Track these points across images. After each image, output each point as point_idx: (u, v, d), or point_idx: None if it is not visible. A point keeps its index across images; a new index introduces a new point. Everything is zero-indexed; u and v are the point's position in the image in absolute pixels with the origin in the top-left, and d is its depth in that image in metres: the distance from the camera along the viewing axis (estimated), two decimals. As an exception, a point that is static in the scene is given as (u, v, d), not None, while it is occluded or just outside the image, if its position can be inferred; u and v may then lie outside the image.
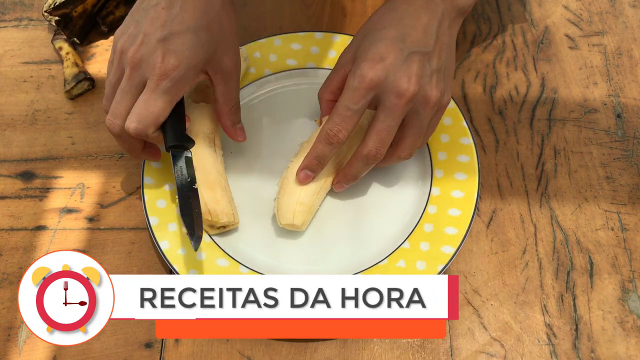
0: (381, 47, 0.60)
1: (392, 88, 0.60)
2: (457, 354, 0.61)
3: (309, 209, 0.65)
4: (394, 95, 0.60)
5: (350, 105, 0.61)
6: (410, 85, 0.59)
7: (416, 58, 0.60)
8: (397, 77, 0.59)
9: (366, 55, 0.61)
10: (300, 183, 0.65)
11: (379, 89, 0.60)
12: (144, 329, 0.63)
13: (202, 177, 0.65)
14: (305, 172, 0.65)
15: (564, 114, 0.75)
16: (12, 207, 0.70)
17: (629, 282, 0.64)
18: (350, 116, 0.61)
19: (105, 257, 0.67)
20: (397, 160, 0.65)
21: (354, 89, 0.60)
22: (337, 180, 0.67)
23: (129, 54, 0.60)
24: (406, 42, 0.61)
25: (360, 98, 0.60)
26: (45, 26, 0.83)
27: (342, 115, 0.61)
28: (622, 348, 0.61)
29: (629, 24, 0.81)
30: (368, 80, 0.60)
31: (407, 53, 0.60)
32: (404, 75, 0.59)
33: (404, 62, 0.60)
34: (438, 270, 0.62)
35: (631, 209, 0.68)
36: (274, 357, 0.61)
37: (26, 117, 0.76)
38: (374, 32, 0.62)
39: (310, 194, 0.65)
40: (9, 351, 0.62)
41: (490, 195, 0.69)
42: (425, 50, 0.61)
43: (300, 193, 0.65)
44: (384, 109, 0.61)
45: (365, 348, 0.62)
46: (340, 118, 0.61)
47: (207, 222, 0.65)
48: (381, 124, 0.61)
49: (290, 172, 0.66)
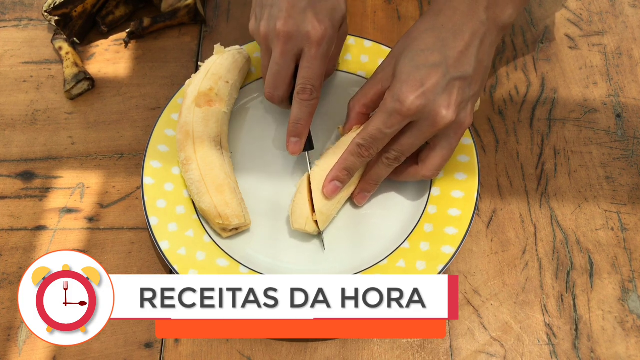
0: (423, 72, 0.59)
1: (430, 116, 0.59)
2: (457, 354, 0.61)
3: (328, 218, 0.65)
4: (429, 122, 0.59)
5: (384, 129, 0.60)
6: (449, 114, 0.59)
7: (457, 84, 0.59)
8: (437, 105, 0.59)
9: (407, 78, 0.59)
10: (329, 195, 0.64)
11: (416, 116, 0.60)
12: (144, 329, 0.63)
13: (210, 181, 0.65)
14: (334, 183, 0.64)
15: (564, 114, 0.75)
16: (12, 207, 0.70)
17: (629, 282, 0.64)
18: (382, 139, 0.61)
19: (105, 257, 0.67)
20: (420, 178, 0.65)
21: (390, 113, 0.59)
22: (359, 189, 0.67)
23: (278, 30, 0.63)
24: (448, 66, 0.59)
25: (395, 124, 0.60)
26: (45, 26, 0.83)
27: (374, 136, 0.61)
28: (622, 348, 0.61)
29: (629, 24, 0.81)
30: (407, 106, 0.59)
31: (449, 79, 0.59)
32: (444, 103, 0.59)
33: (445, 89, 0.59)
34: (438, 270, 0.62)
35: (631, 209, 0.68)
36: (273, 357, 0.61)
37: (26, 117, 0.76)
38: (415, 51, 0.60)
39: (331, 204, 0.65)
40: (8, 351, 0.62)
41: (490, 195, 0.70)
42: (466, 75, 0.60)
43: (322, 201, 0.65)
44: (415, 130, 0.61)
45: (365, 348, 0.62)
46: (372, 139, 0.61)
47: (218, 225, 0.65)
48: (406, 139, 0.61)
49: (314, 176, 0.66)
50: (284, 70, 0.65)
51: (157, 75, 0.79)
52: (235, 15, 0.84)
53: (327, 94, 0.75)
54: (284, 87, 0.66)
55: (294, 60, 0.65)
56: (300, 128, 0.66)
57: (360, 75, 0.75)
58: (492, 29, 0.61)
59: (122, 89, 0.78)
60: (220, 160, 0.67)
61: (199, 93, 0.69)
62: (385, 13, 0.83)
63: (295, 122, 0.66)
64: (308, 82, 0.65)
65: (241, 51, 0.74)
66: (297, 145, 0.67)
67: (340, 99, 0.75)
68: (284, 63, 0.65)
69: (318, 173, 0.66)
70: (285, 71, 0.65)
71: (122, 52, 0.81)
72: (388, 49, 0.76)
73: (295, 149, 0.67)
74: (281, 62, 0.65)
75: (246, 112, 0.75)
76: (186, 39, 0.82)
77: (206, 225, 0.67)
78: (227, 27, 0.83)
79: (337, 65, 0.75)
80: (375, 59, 0.76)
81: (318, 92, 0.66)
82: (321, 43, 0.63)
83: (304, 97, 0.65)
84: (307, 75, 0.65)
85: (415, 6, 0.83)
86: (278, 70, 0.65)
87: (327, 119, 0.74)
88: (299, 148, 0.67)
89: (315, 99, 0.66)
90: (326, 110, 0.74)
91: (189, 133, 0.67)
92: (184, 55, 0.80)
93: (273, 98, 0.67)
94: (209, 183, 0.65)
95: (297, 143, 0.67)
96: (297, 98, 0.65)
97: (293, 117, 0.66)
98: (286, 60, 0.65)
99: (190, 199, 0.68)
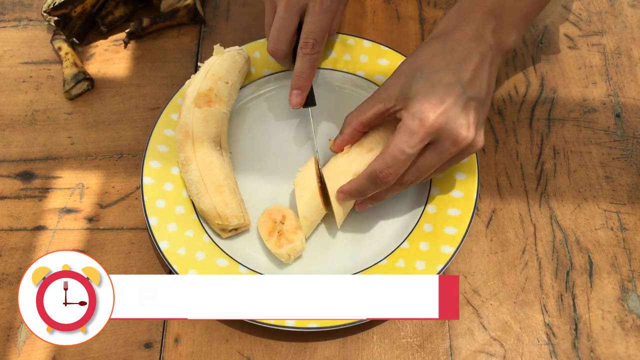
0: (440, 91, 0.58)
1: (451, 135, 0.58)
2: (457, 353, 0.61)
3: (312, 224, 0.65)
4: (450, 141, 0.58)
5: (407, 149, 0.58)
6: (469, 133, 0.58)
7: (473, 105, 0.59)
8: (458, 124, 0.58)
9: (425, 97, 0.58)
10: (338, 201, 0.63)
11: (437, 134, 0.58)
12: (143, 329, 0.63)
13: (209, 181, 0.65)
14: (345, 196, 0.63)
15: (564, 114, 0.75)
16: (11, 208, 0.70)
17: (628, 281, 0.64)
18: (404, 160, 0.59)
19: (104, 257, 0.67)
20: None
21: (412, 132, 0.58)
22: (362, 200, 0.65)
23: None
24: (463, 85, 0.59)
25: (418, 142, 0.58)
26: (45, 26, 0.83)
27: (396, 159, 0.58)
28: (621, 347, 0.61)
29: (628, 24, 0.81)
30: (429, 124, 0.57)
31: (465, 98, 0.58)
32: (464, 123, 0.58)
33: (463, 108, 0.58)
34: (437, 270, 0.62)
35: (630, 209, 0.68)
36: (273, 357, 0.61)
37: (25, 117, 0.76)
38: (428, 73, 0.60)
39: (313, 210, 0.65)
40: (8, 351, 0.62)
41: (489, 195, 0.70)
42: (480, 97, 0.60)
43: (304, 208, 0.64)
44: (436, 151, 0.59)
45: (365, 348, 0.62)
46: (393, 161, 0.59)
47: (218, 226, 0.65)
48: (426, 162, 0.60)
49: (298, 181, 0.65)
50: (287, 24, 0.67)
51: (156, 75, 0.79)
52: (234, 15, 0.84)
53: (326, 93, 0.75)
54: (287, 41, 0.68)
55: (298, 14, 0.67)
56: (302, 81, 0.68)
57: (360, 75, 0.75)
58: (498, 53, 0.62)
59: (121, 89, 0.78)
60: (219, 160, 0.67)
61: (199, 93, 0.69)
62: (385, 13, 0.83)
63: (298, 76, 0.68)
64: (310, 36, 0.67)
65: (240, 51, 0.74)
66: (299, 98, 0.69)
67: (340, 99, 0.75)
68: (288, 17, 0.67)
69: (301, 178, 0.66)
70: (289, 25, 0.67)
71: (122, 52, 0.81)
72: (387, 49, 0.76)
73: (296, 100, 0.69)
74: (285, 15, 0.67)
75: (246, 112, 0.75)
76: (185, 39, 0.82)
77: (206, 225, 0.67)
78: (227, 27, 0.83)
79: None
80: (375, 59, 0.76)
81: (321, 47, 0.68)
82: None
83: (307, 50, 0.67)
84: (310, 29, 0.67)
85: (415, 6, 0.83)
86: (282, 24, 0.67)
87: (327, 119, 0.74)
88: (301, 100, 0.69)
89: (317, 52, 0.68)
90: (326, 110, 0.74)
91: (189, 133, 0.67)
92: (183, 55, 0.80)
93: (276, 52, 0.69)
94: (209, 183, 0.65)
95: (298, 95, 0.69)
96: (300, 52, 0.68)
97: (296, 70, 0.68)
98: (290, 14, 0.67)
99: (189, 199, 0.68)
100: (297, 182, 0.66)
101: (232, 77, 0.71)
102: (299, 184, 0.65)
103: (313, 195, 0.64)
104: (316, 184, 0.64)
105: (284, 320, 0.60)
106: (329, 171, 0.65)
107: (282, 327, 0.60)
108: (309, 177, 0.65)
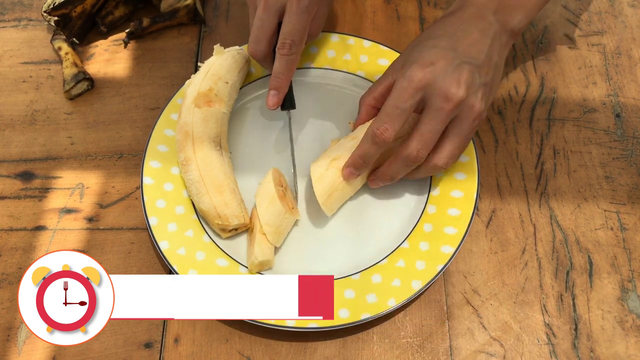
0: (432, 53, 0.61)
1: (441, 91, 0.59)
2: (457, 353, 0.61)
3: (277, 230, 0.64)
4: (441, 98, 0.59)
5: (398, 104, 0.60)
6: (460, 90, 0.59)
7: (466, 67, 0.60)
8: (447, 81, 0.59)
9: (416, 60, 0.61)
10: (346, 179, 0.65)
11: (427, 91, 0.60)
12: (143, 329, 0.63)
13: (209, 181, 0.65)
14: (350, 169, 0.64)
15: (563, 114, 0.75)
16: (11, 208, 0.70)
17: (628, 281, 0.64)
18: (398, 115, 0.61)
19: (104, 257, 0.67)
20: (433, 171, 0.64)
21: (402, 89, 0.60)
22: (374, 177, 0.66)
23: None
24: (458, 51, 0.61)
25: (408, 97, 0.60)
26: (45, 26, 0.83)
27: (389, 114, 0.61)
28: (621, 347, 0.61)
29: (628, 24, 0.81)
30: (417, 80, 0.60)
31: (458, 62, 0.60)
32: (454, 81, 0.60)
33: (455, 69, 0.60)
34: (437, 270, 0.62)
35: (630, 209, 0.68)
36: (273, 357, 0.61)
37: (25, 117, 0.76)
38: (424, 41, 0.63)
39: (275, 215, 0.64)
40: (8, 351, 0.62)
41: (489, 195, 0.70)
42: (475, 63, 0.61)
43: (265, 214, 0.64)
44: (430, 111, 0.60)
45: (365, 348, 0.62)
46: (387, 116, 0.61)
47: (218, 226, 0.65)
48: (425, 126, 0.61)
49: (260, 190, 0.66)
50: (265, 25, 0.67)
51: (156, 75, 0.79)
52: (234, 15, 0.84)
53: (326, 93, 0.75)
54: (264, 42, 0.68)
55: (277, 15, 0.67)
56: (279, 82, 0.69)
57: (360, 75, 0.75)
58: (501, 31, 0.63)
59: (121, 89, 0.78)
60: (219, 160, 0.67)
61: (199, 93, 0.69)
62: (385, 13, 0.83)
63: (275, 76, 0.69)
64: (288, 36, 0.67)
65: (240, 51, 0.74)
66: (275, 98, 0.69)
67: (340, 99, 0.75)
68: (266, 18, 0.67)
69: (260, 190, 0.66)
70: (267, 26, 0.67)
71: (122, 52, 0.81)
72: (387, 49, 0.76)
73: (272, 101, 0.69)
74: (264, 16, 0.67)
75: (246, 112, 0.75)
76: (185, 39, 0.82)
77: (206, 225, 0.67)
78: (227, 27, 0.83)
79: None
80: (375, 59, 0.76)
81: (298, 48, 0.67)
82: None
83: (284, 51, 0.67)
84: (287, 30, 0.67)
85: (415, 6, 0.83)
86: (261, 25, 0.67)
87: (327, 119, 0.74)
88: (277, 101, 0.69)
89: (294, 54, 0.68)
90: (325, 110, 0.74)
91: (189, 133, 0.67)
92: (183, 55, 0.80)
93: (255, 53, 0.69)
94: (208, 183, 0.65)
95: (275, 96, 0.69)
96: (277, 52, 0.68)
97: (274, 71, 0.68)
98: (268, 15, 0.67)
99: (189, 199, 0.68)
100: (256, 195, 0.66)
101: (232, 77, 0.71)
102: (258, 195, 0.66)
103: (272, 201, 0.64)
104: (274, 190, 0.64)
105: (284, 320, 0.60)
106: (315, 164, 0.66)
107: (282, 327, 0.60)
108: (267, 186, 0.65)
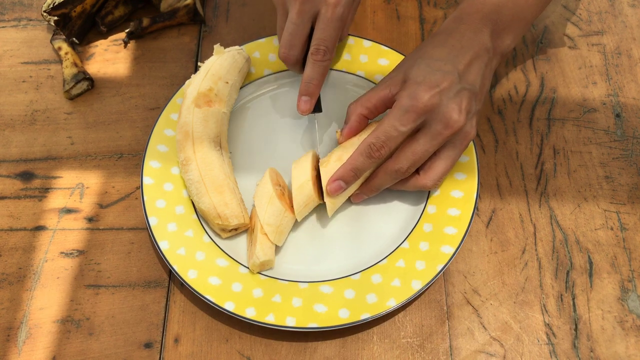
0: (437, 76, 0.61)
1: (443, 117, 0.60)
2: (457, 353, 0.61)
3: (277, 229, 0.64)
4: (442, 124, 0.60)
5: (399, 127, 0.61)
6: (460, 118, 0.60)
7: (466, 94, 0.61)
8: (450, 107, 0.60)
9: (423, 80, 0.61)
10: (331, 194, 0.64)
11: (430, 115, 0.61)
12: (143, 329, 0.63)
13: (209, 181, 0.65)
14: (339, 182, 0.63)
15: (563, 114, 0.75)
16: (11, 208, 0.70)
17: (628, 281, 0.64)
18: (396, 137, 0.61)
19: (104, 257, 0.67)
20: (420, 189, 0.65)
21: (405, 110, 0.61)
22: (359, 191, 0.66)
23: None
24: (459, 75, 0.61)
25: (410, 121, 0.61)
26: (44, 26, 0.83)
27: (388, 134, 0.61)
28: (621, 347, 0.61)
29: (628, 24, 0.81)
30: (423, 103, 0.60)
31: (459, 87, 0.61)
32: (456, 107, 0.60)
33: (457, 94, 0.61)
34: (437, 270, 0.62)
35: (630, 209, 0.68)
36: (273, 357, 0.61)
37: (25, 117, 0.76)
38: (428, 60, 0.63)
39: (275, 214, 0.64)
40: (8, 351, 0.62)
41: (489, 195, 0.70)
42: (473, 90, 0.62)
43: (264, 214, 0.64)
44: (428, 133, 0.61)
45: (365, 348, 0.62)
46: (386, 136, 0.61)
47: (217, 226, 0.65)
48: (420, 146, 0.62)
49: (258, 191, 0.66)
50: (299, 30, 0.67)
51: (156, 75, 0.79)
52: (234, 15, 0.84)
53: (325, 93, 0.75)
54: (299, 47, 0.68)
55: (310, 20, 0.67)
56: (312, 88, 0.68)
57: (360, 75, 0.75)
58: (493, 55, 0.65)
59: (121, 89, 0.78)
60: (219, 160, 0.67)
61: (199, 93, 0.69)
62: (385, 13, 0.83)
63: (308, 82, 0.68)
64: (322, 43, 0.67)
65: (240, 51, 0.74)
66: (307, 104, 0.69)
67: (340, 99, 0.75)
68: (300, 22, 0.67)
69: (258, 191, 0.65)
70: (301, 31, 0.67)
71: (122, 52, 0.81)
72: (387, 48, 0.76)
73: (305, 107, 0.69)
74: (298, 21, 0.67)
75: (246, 112, 0.75)
76: (185, 39, 0.82)
77: (206, 225, 0.67)
78: (227, 27, 0.83)
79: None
80: (375, 58, 0.76)
81: (331, 54, 0.68)
82: (338, 5, 0.66)
83: (317, 57, 0.67)
84: (322, 36, 0.67)
85: (415, 6, 0.83)
86: (294, 30, 0.67)
87: (327, 119, 0.74)
88: (309, 107, 0.69)
89: (328, 60, 0.68)
90: (325, 110, 0.74)
91: (189, 133, 0.67)
92: (183, 55, 0.80)
93: (288, 58, 0.69)
94: (208, 183, 0.65)
95: (307, 102, 0.69)
96: (310, 58, 0.68)
97: (306, 76, 0.68)
98: (303, 20, 0.67)
99: (189, 199, 0.68)
100: (255, 196, 0.66)
101: (232, 77, 0.71)
102: (257, 196, 0.66)
103: (271, 200, 0.64)
104: (273, 190, 0.64)
105: (284, 320, 0.60)
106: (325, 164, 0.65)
107: (282, 327, 0.60)
108: (265, 186, 0.65)
